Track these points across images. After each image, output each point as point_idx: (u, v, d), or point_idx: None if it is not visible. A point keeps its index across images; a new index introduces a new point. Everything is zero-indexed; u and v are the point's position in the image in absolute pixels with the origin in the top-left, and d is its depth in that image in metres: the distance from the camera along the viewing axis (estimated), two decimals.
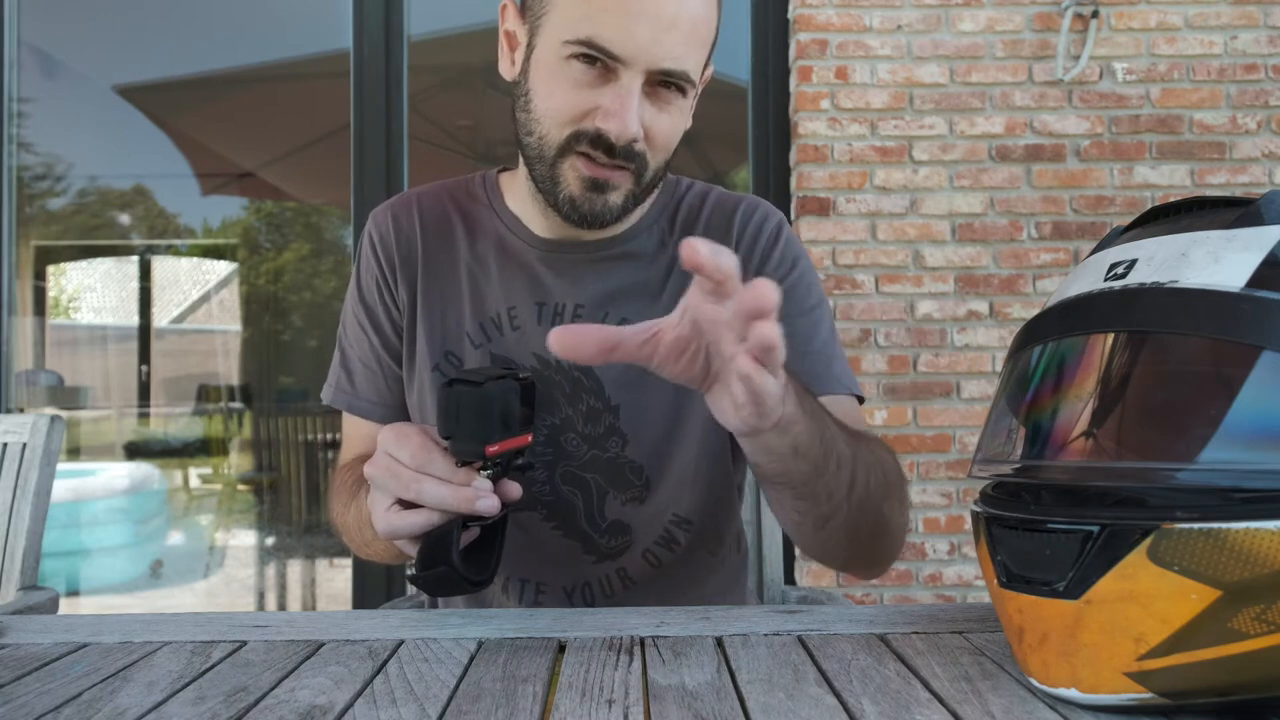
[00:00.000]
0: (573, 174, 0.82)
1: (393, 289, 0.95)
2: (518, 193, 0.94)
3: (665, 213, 0.96)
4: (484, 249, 0.94)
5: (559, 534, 0.92)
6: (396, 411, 0.97)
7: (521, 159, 0.88)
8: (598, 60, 0.77)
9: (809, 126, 2.44)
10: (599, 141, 0.80)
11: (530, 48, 0.83)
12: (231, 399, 4.87)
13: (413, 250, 0.95)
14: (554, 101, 0.81)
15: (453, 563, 0.64)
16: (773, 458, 0.66)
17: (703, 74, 0.87)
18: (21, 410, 2.94)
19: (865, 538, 0.80)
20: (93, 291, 5.68)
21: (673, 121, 0.83)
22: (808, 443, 0.67)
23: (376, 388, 0.97)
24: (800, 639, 0.63)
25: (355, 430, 0.99)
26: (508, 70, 0.88)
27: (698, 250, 0.49)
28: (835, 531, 0.76)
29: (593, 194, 0.83)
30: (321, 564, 3.82)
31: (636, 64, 0.77)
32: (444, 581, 0.65)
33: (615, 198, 0.83)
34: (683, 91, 0.82)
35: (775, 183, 2.57)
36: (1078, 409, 0.51)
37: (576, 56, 0.78)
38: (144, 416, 5.04)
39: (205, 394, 4.90)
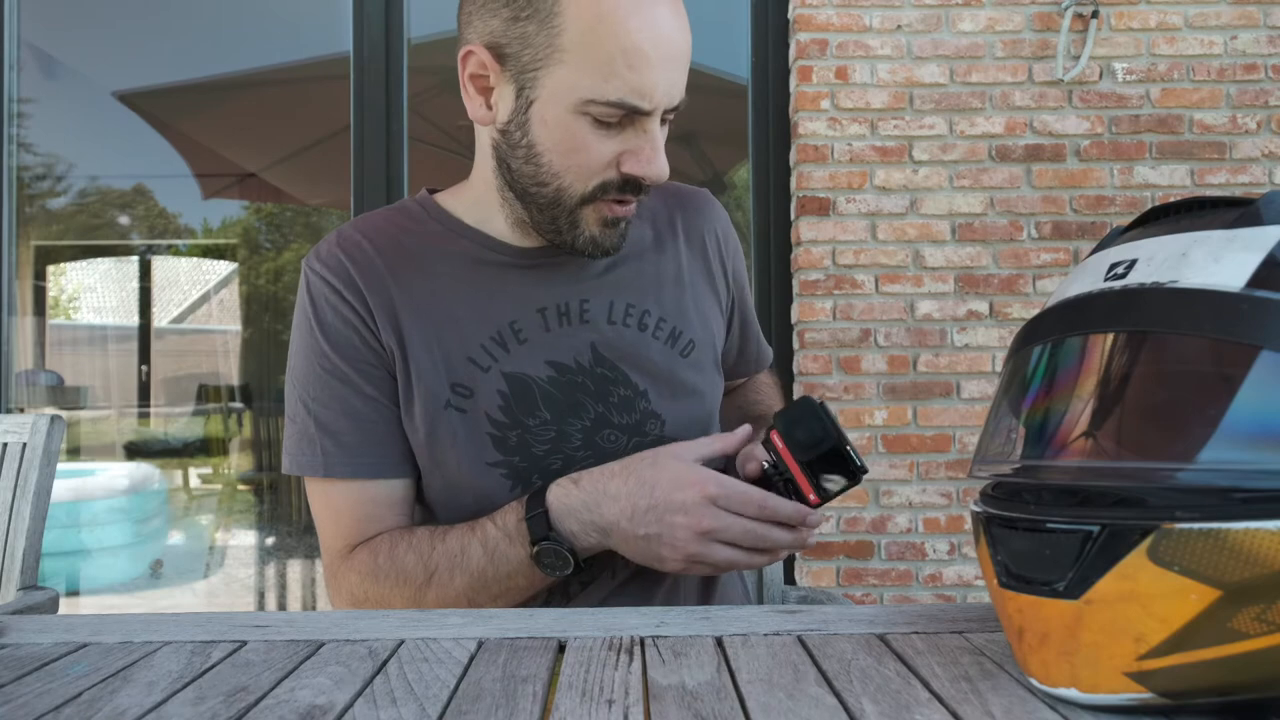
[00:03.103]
0: (594, 216, 0.85)
1: (372, 327, 0.87)
2: (476, 212, 0.92)
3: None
4: (459, 271, 0.90)
5: None
6: (407, 459, 0.89)
7: (512, 195, 0.87)
8: (622, 113, 0.79)
9: (809, 126, 2.44)
10: (628, 185, 0.83)
11: (528, 101, 0.81)
12: (231, 399, 4.86)
13: (382, 284, 0.88)
14: (577, 158, 0.81)
15: None
16: None
17: None
18: (21, 410, 2.94)
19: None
20: (93, 291, 5.67)
21: None
22: None
23: (377, 438, 0.88)
24: (800, 639, 0.63)
25: (353, 497, 0.88)
26: (483, 116, 0.85)
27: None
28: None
29: (611, 230, 0.86)
30: (321, 564, 3.82)
31: (660, 109, 0.80)
32: None
33: (624, 224, 0.88)
34: None
35: (775, 183, 2.57)
36: (1077, 409, 0.51)
37: (598, 114, 0.79)
38: (144, 416, 5.03)
39: (205, 394, 4.89)
